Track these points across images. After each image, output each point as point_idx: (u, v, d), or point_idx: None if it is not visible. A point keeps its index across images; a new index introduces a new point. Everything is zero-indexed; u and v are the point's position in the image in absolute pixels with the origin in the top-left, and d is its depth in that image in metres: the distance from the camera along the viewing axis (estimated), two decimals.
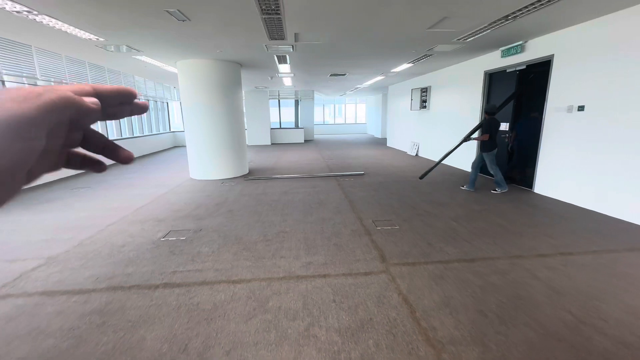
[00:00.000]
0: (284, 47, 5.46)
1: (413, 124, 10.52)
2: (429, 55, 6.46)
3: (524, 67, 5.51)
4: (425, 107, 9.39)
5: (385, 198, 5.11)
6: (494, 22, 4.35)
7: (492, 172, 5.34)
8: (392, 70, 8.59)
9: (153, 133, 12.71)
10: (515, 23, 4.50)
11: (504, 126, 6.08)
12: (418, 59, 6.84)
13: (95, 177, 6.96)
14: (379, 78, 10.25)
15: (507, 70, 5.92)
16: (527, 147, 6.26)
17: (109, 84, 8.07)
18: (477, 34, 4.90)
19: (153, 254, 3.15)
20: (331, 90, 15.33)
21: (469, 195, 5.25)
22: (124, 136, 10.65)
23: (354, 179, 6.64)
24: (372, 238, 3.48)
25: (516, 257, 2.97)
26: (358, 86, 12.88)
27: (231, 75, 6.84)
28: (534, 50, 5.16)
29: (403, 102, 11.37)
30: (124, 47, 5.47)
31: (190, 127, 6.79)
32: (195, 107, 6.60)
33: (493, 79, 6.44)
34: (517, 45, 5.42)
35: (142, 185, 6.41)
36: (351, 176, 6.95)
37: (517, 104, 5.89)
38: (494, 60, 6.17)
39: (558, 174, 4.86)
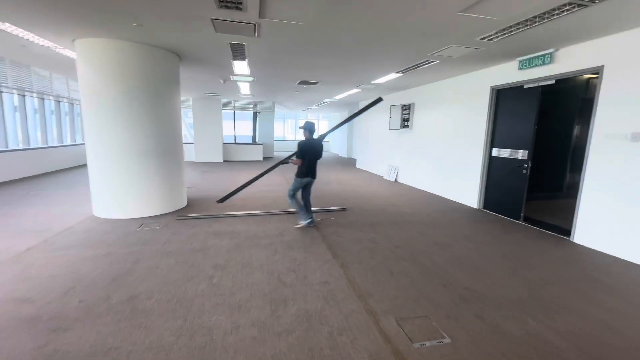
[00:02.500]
0: (242, 26, 3.64)
1: (391, 145, 9.24)
2: (429, 63, 5.14)
3: (551, 81, 4.39)
4: (407, 126, 8.15)
5: (394, 259, 3.42)
6: (538, 17, 3.08)
7: (288, 198, 4.39)
8: (373, 82, 7.21)
9: (61, 144, 9.72)
10: (549, 24, 3.30)
11: (523, 154, 4.89)
12: (414, 67, 5.50)
13: None
14: (353, 91, 8.87)
15: (525, 86, 4.80)
16: (553, 179, 5.19)
17: None
18: (508, 33, 3.62)
19: None
20: (294, 104, 13.71)
21: (495, 249, 3.81)
22: (18, 147, 7.68)
23: (335, 218, 4.89)
24: None
25: None
26: (326, 100, 11.44)
27: (162, 69, 4.77)
28: (571, 61, 4.05)
29: (378, 120, 10.12)
30: None
31: (93, 138, 4.50)
32: (102, 110, 4.38)
33: (502, 96, 5.31)
34: (545, 55, 4.29)
35: (4, 229, 3.93)
36: (330, 213, 5.20)
37: (539, 128, 4.75)
38: (506, 73, 5.04)
39: (608, 221, 3.66)
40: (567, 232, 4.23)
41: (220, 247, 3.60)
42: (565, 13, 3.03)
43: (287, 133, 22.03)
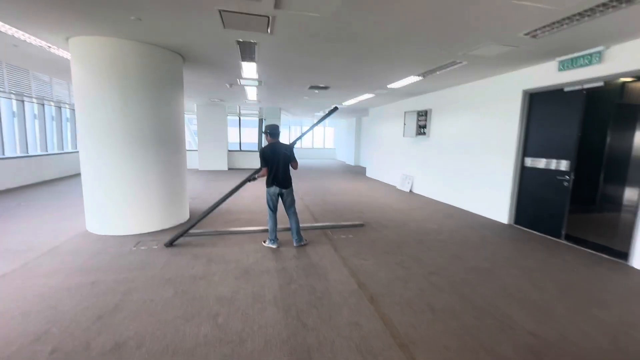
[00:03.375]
0: (255, 20, 3.21)
1: (405, 154, 8.75)
2: (456, 64, 4.67)
3: (599, 83, 3.90)
4: (423, 133, 7.67)
5: (432, 290, 2.89)
6: (601, 6, 2.61)
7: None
8: (389, 86, 6.76)
9: (61, 151, 9.36)
10: (603, 18, 2.84)
11: (564, 165, 4.37)
12: (438, 69, 5.03)
13: None
14: (365, 97, 8.43)
15: (566, 89, 4.31)
16: (585, 191, 4.65)
17: None
18: (557, 28, 3.15)
19: None
20: (302, 110, 13.31)
21: (547, 276, 3.26)
22: (15, 154, 7.30)
23: (353, 236, 4.38)
24: None
25: None
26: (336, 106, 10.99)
27: (164, 70, 4.35)
28: (626, 59, 3.55)
29: (391, 127, 9.65)
30: None
31: (87, 145, 4.07)
32: (97, 114, 3.95)
33: (536, 101, 4.81)
34: (592, 54, 3.81)
35: None
36: (347, 229, 4.69)
37: (584, 135, 4.24)
38: (542, 75, 4.56)
39: None
40: (623, 254, 3.68)
41: (226, 273, 3.09)
42: (625, 5, 2.56)
43: (292, 140, 21.62)
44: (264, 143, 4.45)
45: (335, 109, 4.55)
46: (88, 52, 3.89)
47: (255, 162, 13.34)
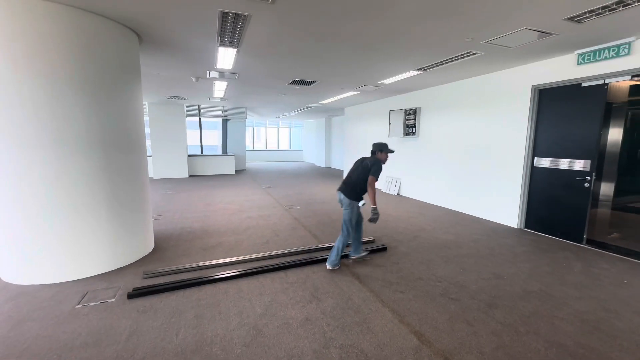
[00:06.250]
0: None
1: (391, 155, 8.24)
2: (470, 55, 4.19)
3: (627, 77, 3.65)
4: (412, 133, 7.23)
5: (507, 334, 2.25)
6: None
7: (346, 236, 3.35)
8: (380, 82, 6.17)
9: None
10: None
11: (583, 164, 4.11)
12: (446, 61, 4.52)
13: None
14: (348, 94, 7.78)
15: (584, 84, 4.04)
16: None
17: None
18: (610, 10, 2.76)
19: None
20: (270, 110, 12.29)
21: (609, 295, 2.85)
22: None
23: (370, 258, 3.64)
24: None
25: None
26: (311, 105, 10.23)
27: (113, 51, 3.19)
28: None
29: (373, 127, 9.14)
30: None
31: None
32: (13, 112, 2.69)
33: (546, 97, 4.54)
34: (620, 45, 3.54)
35: None
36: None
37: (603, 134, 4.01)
38: (556, 69, 4.27)
39: None
40: None
41: (229, 338, 2.15)
42: None
43: (257, 143, 20.32)
44: (234, 146, 3.53)
45: None
46: None
47: (219, 168, 12.04)
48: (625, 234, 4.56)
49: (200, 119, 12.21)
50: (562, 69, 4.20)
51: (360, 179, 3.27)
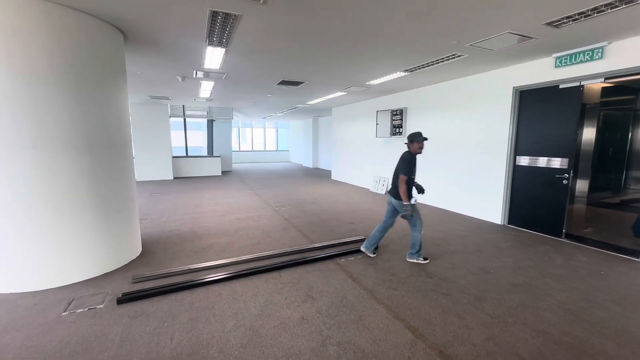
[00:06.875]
0: None
1: (378, 155, 8.39)
2: (455, 57, 4.32)
3: (600, 80, 3.86)
4: (399, 133, 7.36)
5: (497, 326, 2.34)
6: None
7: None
8: (367, 83, 6.25)
9: None
10: (612, 14, 2.71)
11: (561, 162, 4.31)
12: (433, 63, 4.64)
13: None
14: (336, 95, 7.83)
15: (562, 86, 4.25)
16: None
17: None
18: (585, 16, 2.92)
19: None
20: (256, 110, 12.19)
21: (589, 287, 3.01)
22: None
23: (362, 255, 3.69)
24: None
25: None
26: (298, 105, 10.22)
27: (97, 50, 3.10)
28: (629, 55, 3.52)
29: (360, 127, 9.23)
30: None
31: None
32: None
33: (526, 98, 4.73)
34: (594, 49, 3.74)
35: None
36: (348, 245, 3.97)
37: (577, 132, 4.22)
38: (535, 72, 4.46)
39: None
40: (633, 251, 3.68)
41: (226, 341, 2.13)
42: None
43: (243, 144, 20.07)
44: (221, 146, 3.54)
45: None
46: None
47: (205, 169, 11.84)
48: (599, 228, 4.82)
49: (185, 119, 11.96)
50: (541, 71, 4.40)
51: (396, 178, 3.36)
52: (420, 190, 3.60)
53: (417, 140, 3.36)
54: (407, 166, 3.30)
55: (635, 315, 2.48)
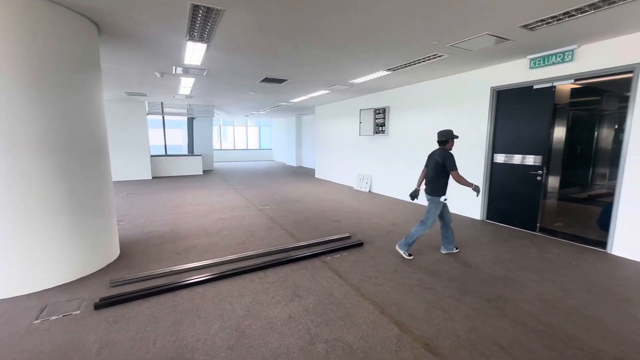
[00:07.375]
0: None
1: (362, 153, 8.46)
2: (436, 58, 4.42)
3: (570, 81, 4.07)
4: (382, 131, 7.46)
5: (478, 318, 2.43)
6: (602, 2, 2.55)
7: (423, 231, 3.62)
8: (351, 81, 6.28)
9: None
10: (582, 18, 2.88)
11: (535, 160, 4.51)
12: (414, 62, 4.73)
13: None
14: (319, 93, 7.83)
15: (535, 87, 4.44)
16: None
17: None
18: (559, 19, 3.07)
19: None
20: (238, 108, 11.98)
21: (563, 277, 3.18)
22: None
23: (348, 253, 3.72)
24: None
25: None
26: (281, 103, 10.13)
27: (69, 43, 2.94)
28: (596, 58, 3.73)
29: (345, 125, 9.28)
30: None
31: None
32: None
33: (503, 98, 4.91)
34: (565, 52, 3.94)
35: None
36: (334, 242, 3.99)
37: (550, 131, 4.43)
38: (511, 73, 4.64)
39: None
40: (599, 243, 3.92)
41: (211, 343, 2.09)
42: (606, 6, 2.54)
43: (224, 143, 19.69)
44: (201, 145, 3.48)
45: None
46: None
47: (185, 168, 11.53)
48: (569, 222, 5.09)
49: (163, 117, 11.58)
50: (516, 72, 4.58)
51: (435, 175, 3.50)
52: (414, 196, 3.81)
53: (452, 138, 3.55)
54: (454, 161, 3.43)
55: (603, 302, 2.64)
